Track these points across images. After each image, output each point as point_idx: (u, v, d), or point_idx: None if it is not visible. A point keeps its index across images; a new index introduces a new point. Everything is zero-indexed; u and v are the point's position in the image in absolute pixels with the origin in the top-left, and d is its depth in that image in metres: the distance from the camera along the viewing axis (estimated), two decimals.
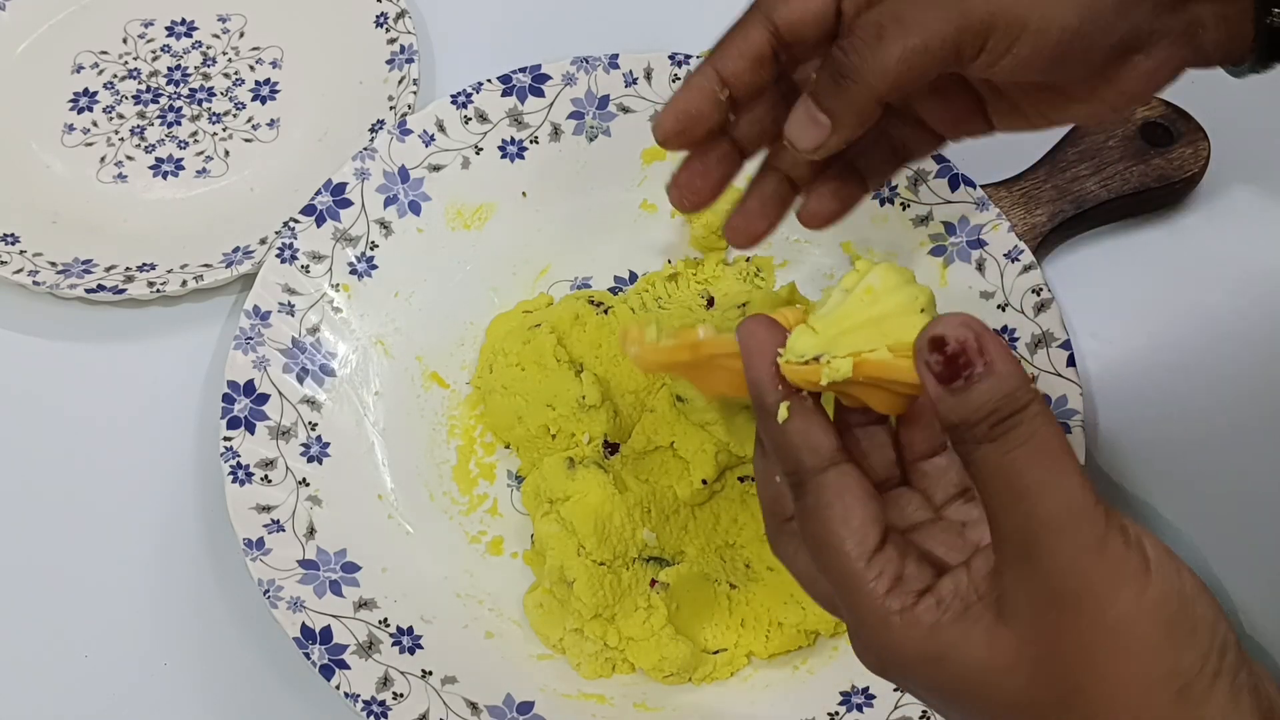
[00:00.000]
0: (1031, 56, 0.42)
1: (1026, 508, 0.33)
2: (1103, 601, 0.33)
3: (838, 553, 0.37)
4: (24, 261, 0.64)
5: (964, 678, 0.35)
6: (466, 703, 0.52)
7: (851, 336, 0.38)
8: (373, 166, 0.63)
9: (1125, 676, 0.33)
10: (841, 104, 0.43)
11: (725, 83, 0.44)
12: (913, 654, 0.36)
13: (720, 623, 0.55)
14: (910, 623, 0.36)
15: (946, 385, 0.34)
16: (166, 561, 0.58)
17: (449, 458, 0.60)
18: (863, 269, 0.39)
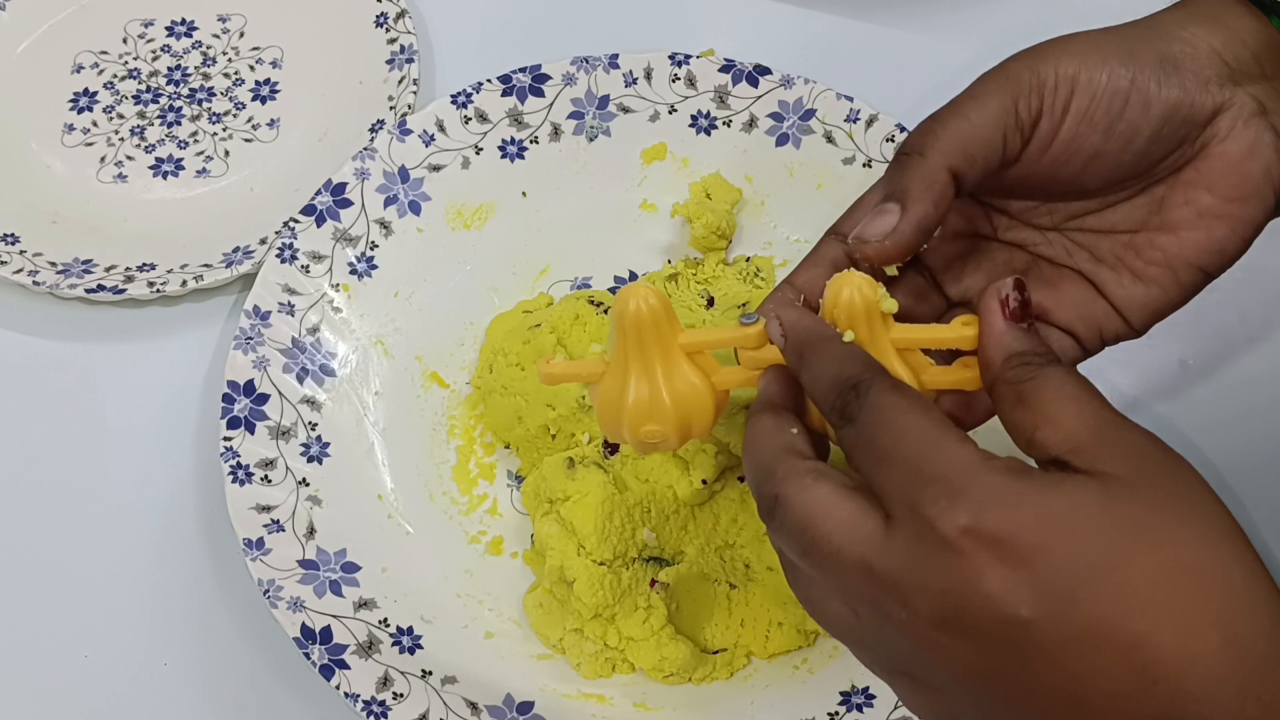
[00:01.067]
0: (1091, 108, 0.43)
1: (1090, 409, 0.37)
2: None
3: (922, 414, 0.36)
4: (24, 261, 0.64)
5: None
6: (466, 703, 0.52)
7: None
8: (373, 166, 0.63)
9: None
10: (908, 178, 0.43)
11: (800, 291, 0.44)
12: (1019, 489, 0.34)
13: (720, 623, 0.55)
14: (1012, 467, 0.35)
15: (1018, 322, 0.39)
16: (166, 561, 0.58)
17: (449, 458, 0.60)
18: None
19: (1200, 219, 0.44)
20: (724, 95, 0.65)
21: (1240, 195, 0.44)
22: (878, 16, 0.72)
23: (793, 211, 0.64)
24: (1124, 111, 0.43)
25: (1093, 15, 0.69)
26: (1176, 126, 0.44)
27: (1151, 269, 0.45)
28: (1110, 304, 0.46)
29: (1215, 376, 0.61)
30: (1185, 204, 0.45)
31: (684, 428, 0.44)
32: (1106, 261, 0.46)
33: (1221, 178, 0.44)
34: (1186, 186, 0.45)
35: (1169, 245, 0.45)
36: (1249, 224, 0.44)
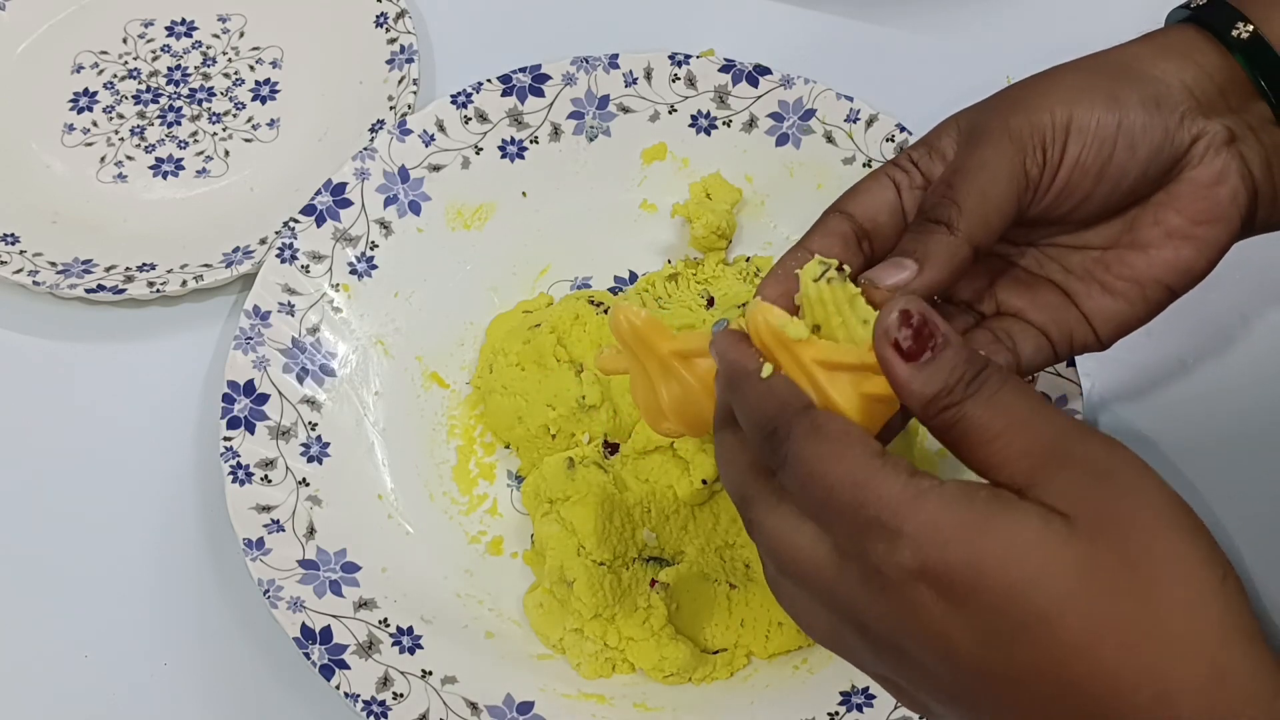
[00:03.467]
0: (1083, 154, 0.44)
1: (1034, 432, 0.35)
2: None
3: (844, 458, 0.36)
4: (24, 261, 0.64)
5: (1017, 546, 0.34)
6: (466, 703, 0.52)
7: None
8: (373, 166, 0.63)
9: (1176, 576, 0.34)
10: (933, 247, 0.43)
11: (813, 253, 0.44)
12: (956, 524, 0.34)
13: (720, 623, 0.55)
14: (948, 495, 0.34)
15: (916, 360, 0.37)
16: (166, 561, 0.58)
17: (449, 458, 0.60)
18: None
19: (1169, 239, 0.46)
20: (724, 95, 0.65)
21: (1208, 219, 0.46)
22: (878, 16, 0.72)
23: (792, 211, 0.64)
24: (1113, 155, 0.44)
25: (1092, 13, 0.69)
26: (1161, 165, 0.45)
27: (1120, 284, 0.46)
28: (1081, 312, 0.47)
29: (1215, 376, 0.61)
30: (1155, 224, 0.46)
31: (690, 424, 0.45)
32: (1077, 274, 0.47)
33: (1190, 202, 0.46)
34: (1157, 208, 0.46)
35: (1138, 262, 0.46)
36: (1215, 246, 0.46)
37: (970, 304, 0.48)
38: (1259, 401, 0.60)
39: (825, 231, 0.45)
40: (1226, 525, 0.57)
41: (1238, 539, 0.57)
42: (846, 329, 0.39)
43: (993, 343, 0.47)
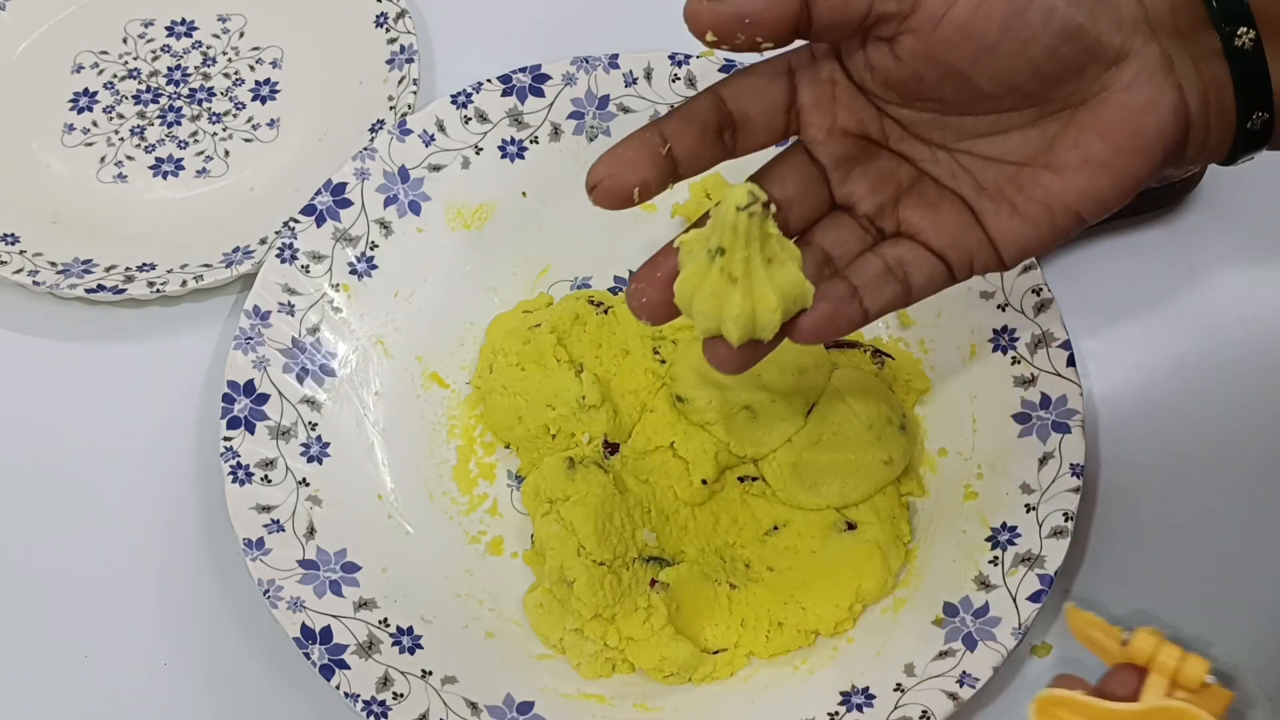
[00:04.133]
0: (989, 1, 0.41)
1: None
2: None
3: None
4: (24, 261, 0.64)
5: None
6: (466, 703, 0.52)
7: None
8: (373, 166, 0.63)
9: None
10: None
11: (666, 138, 0.44)
12: None
13: (720, 623, 0.55)
14: None
15: None
16: (166, 561, 0.58)
17: (449, 458, 0.60)
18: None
19: (1085, 164, 0.43)
20: None
21: (1129, 149, 0.43)
22: None
23: None
24: (1025, 12, 0.41)
25: None
26: (1077, 51, 0.42)
27: (1030, 205, 0.44)
28: (985, 234, 0.45)
29: (1215, 376, 0.61)
30: (1074, 147, 0.44)
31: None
32: (989, 190, 0.45)
33: (1115, 127, 0.43)
34: (1079, 129, 0.43)
35: (1051, 184, 0.44)
36: (1132, 178, 0.44)
37: (873, 219, 0.46)
38: (1259, 402, 0.60)
39: (687, 114, 0.44)
40: (1227, 525, 0.57)
41: (1238, 538, 0.57)
42: (747, 265, 0.41)
43: (883, 274, 0.45)
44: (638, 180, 0.43)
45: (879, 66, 0.44)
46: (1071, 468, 0.54)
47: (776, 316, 0.42)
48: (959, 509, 0.56)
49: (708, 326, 0.43)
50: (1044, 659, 0.55)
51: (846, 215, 0.46)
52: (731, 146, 0.45)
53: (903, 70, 0.43)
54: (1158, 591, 0.56)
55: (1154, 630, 0.40)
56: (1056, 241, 0.45)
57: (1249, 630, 0.55)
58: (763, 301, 0.42)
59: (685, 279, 0.42)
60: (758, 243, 0.41)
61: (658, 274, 0.44)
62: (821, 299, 0.44)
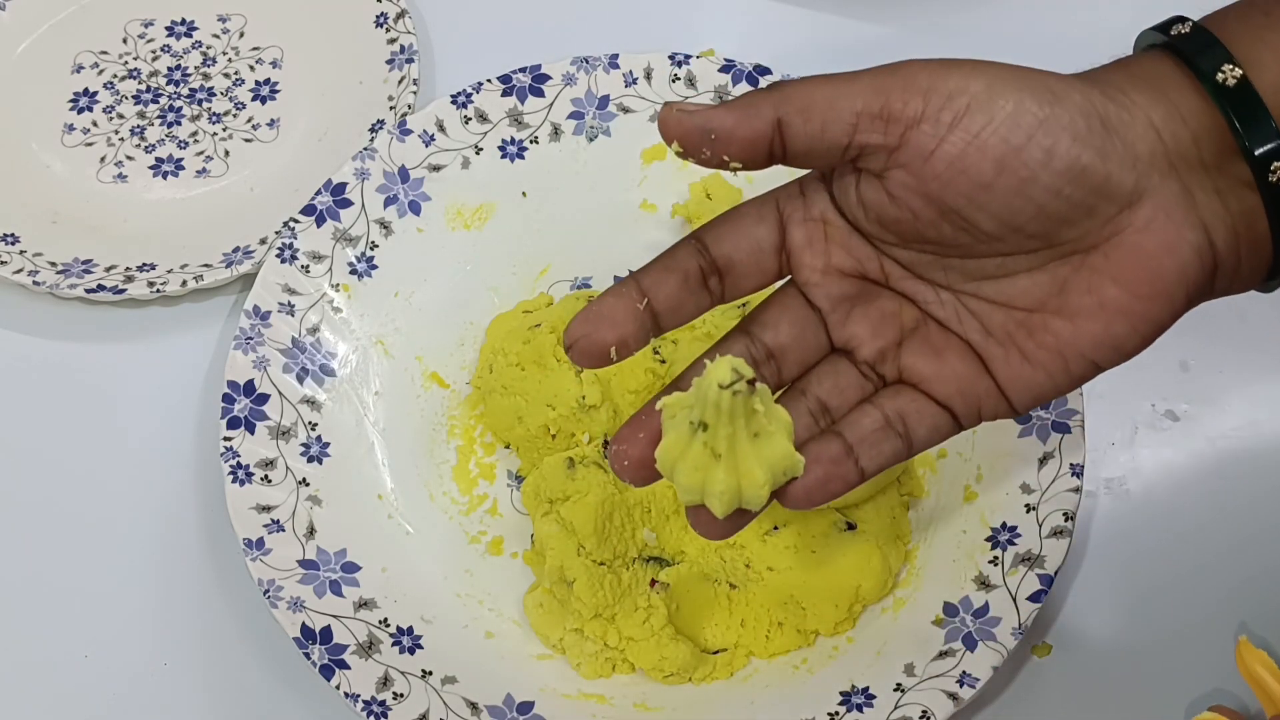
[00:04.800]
0: (985, 132, 0.39)
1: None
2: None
3: None
4: (24, 261, 0.64)
5: None
6: (466, 703, 0.52)
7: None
8: (373, 166, 0.63)
9: None
10: (738, 98, 0.40)
11: (644, 292, 0.41)
12: None
13: (720, 623, 0.55)
14: None
15: None
16: (166, 561, 0.58)
17: (449, 458, 0.60)
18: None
19: (1101, 311, 0.40)
20: (724, 95, 0.65)
21: (1148, 294, 0.40)
22: (878, 16, 0.72)
23: None
24: (1023, 151, 0.39)
25: (1099, 14, 0.69)
26: (1084, 192, 0.39)
27: (1041, 353, 0.41)
28: (994, 382, 0.42)
29: (1217, 378, 0.61)
30: (1088, 292, 0.40)
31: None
32: (996, 336, 0.42)
33: (1131, 272, 0.40)
34: (1093, 273, 0.40)
35: (1063, 332, 0.41)
36: (1152, 324, 0.40)
37: (873, 364, 0.43)
38: (1262, 402, 0.60)
39: (667, 264, 0.42)
40: (1228, 525, 0.57)
41: (1239, 538, 0.57)
42: (731, 442, 0.38)
43: (881, 429, 0.42)
44: (614, 338, 0.41)
45: (871, 203, 0.41)
46: (1071, 468, 0.54)
47: (764, 492, 0.40)
48: (959, 509, 0.56)
49: (690, 499, 0.41)
50: (1044, 659, 0.55)
51: (846, 360, 0.43)
52: (719, 293, 0.42)
53: (897, 208, 0.41)
54: (1158, 592, 0.56)
55: None
56: (1071, 387, 0.42)
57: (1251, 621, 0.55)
58: (749, 478, 0.39)
59: (667, 447, 0.40)
60: (742, 419, 0.38)
61: (640, 435, 0.41)
62: (814, 462, 0.41)
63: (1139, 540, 0.57)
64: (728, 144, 0.40)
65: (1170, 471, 0.59)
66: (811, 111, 0.39)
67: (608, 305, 0.41)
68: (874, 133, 0.39)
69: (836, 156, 0.40)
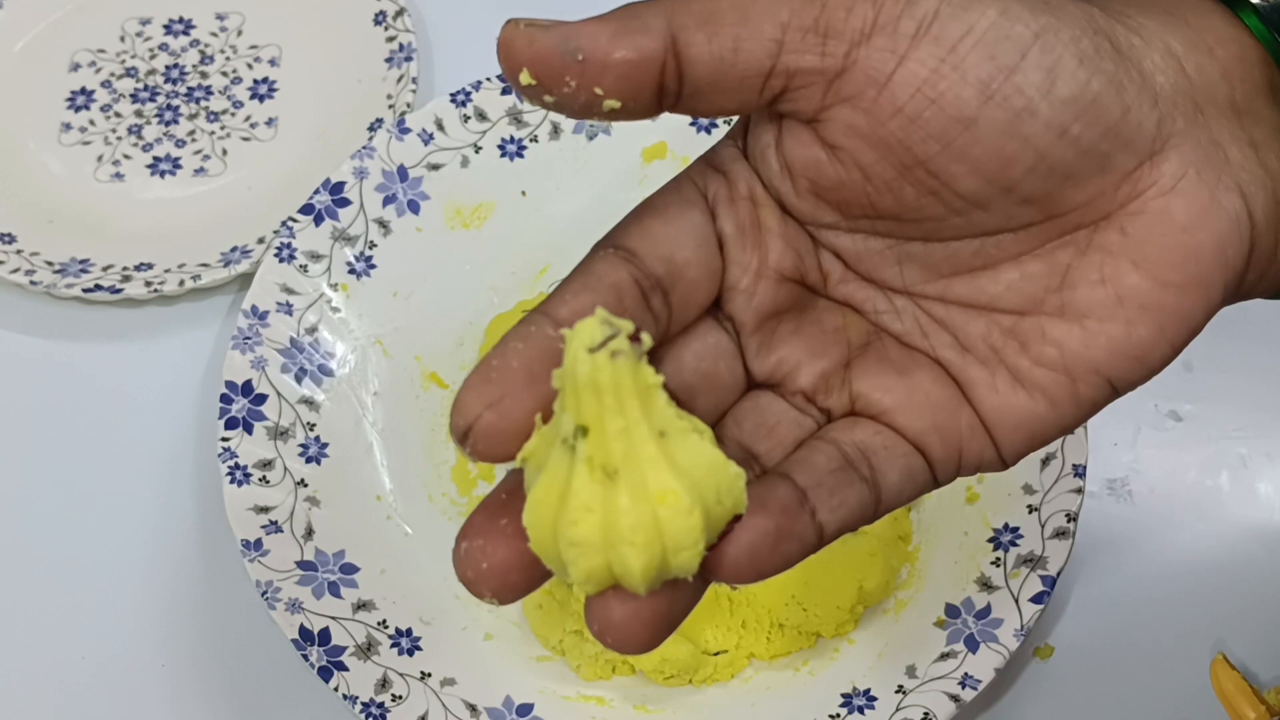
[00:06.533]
0: (963, 45, 0.28)
1: None
2: None
3: None
4: (20, 261, 0.64)
5: None
6: (466, 704, 0.52)
7: None
8: (371, 165, 0.63)
9: None
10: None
11: (560, 326, 0.28)
12: None
13: (721, 624, 0.55)
14: None
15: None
16: (164, 562, 0.58)
17: (448, 458, 0.60)
18: None
19: (1120, 307, 0.30)
20: None
21: (1181, 281, 0.30)
22: None
23: None
24: (1016, 72, 0.28)
25: None
26: (1097, 133, 0.29)
27: (1039, 372, 0.30)
28: (976, 414, 0.31)
29: (1220, 378, 0.61)
30: (1101, 283, 0.30)
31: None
32: (977, 352, 0.31)
33: (1158, 249, 0.30)
34: (1105, 256, 0.30)
35: (1069, 340, 0.30)
36: (1184, 324, 0.30)
37: (811, 396, 0.31)
38: (1264, 402, 0.60)
39: (587, 285, 0.29)
40: (1233, 523, 0.57)
41: (1241, 538, 0.57)
42: (628, 441, 0.26)
43: (841, 469, 0.30)
44: (533, 404, 0.28)
45: (802, 165, 0.30)
46: (1074, 468, 0.54)
47: (696, 522, 0.26)
48: (961, 510, 0.56)
49: (591, 566, 0.26)
50: (1046, 660, 0.55)
51: (771, 394, 0.32)
52: (664, 318, 0.30)
53: (840, 165, 0.30)
54: (1159, 592, 0.56)
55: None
56: (1080, 420, 0.31)
57: (1250, 629, 0.55)
58: (667, 500, 0.26)
59: (537, 502, 0.27)
60: (636, 403, 0.26)
61: (502, 521, 0.28)
62: (758, 509, 0.28)
63: (1142, 541, 0.57)
64: (600, 71, 0.27)
65: (1173, 472, 0.59)
66: (718, 23, 0.28)
67: (515, 354, 0.28)
68: (807, 52, 0.28)
69: (753, 94, 0.29)
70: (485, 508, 0.29)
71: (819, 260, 0.32)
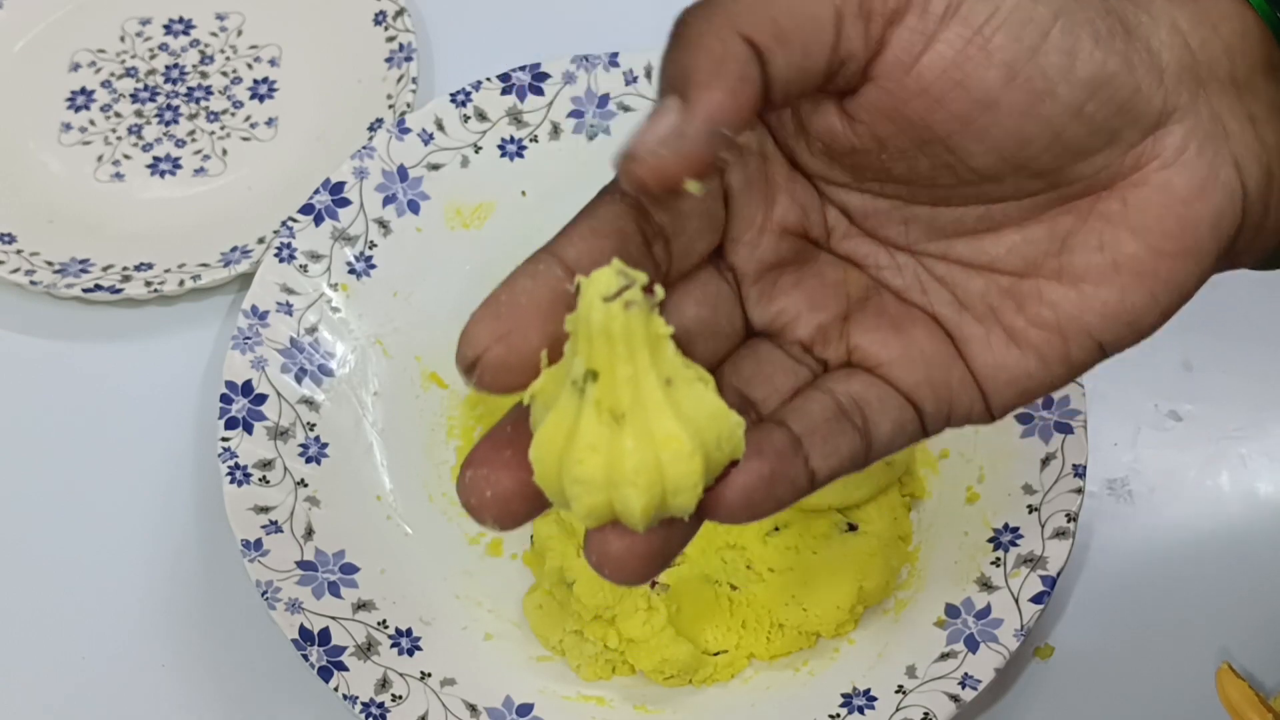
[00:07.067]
0: (988, 26, 0.29)
1: None
2: None
3: None
4: (20, 261, 0.64)
5: None
6: (466, 704, 0.52)
7: None
8: (371, 165, 0.63)
9: None
10: (689, 55, 0.28)
11: (571, 269, 0.30)
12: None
13: (721, 624, 0.55)
14: None
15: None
16: (164, 562, 0.58)
17: (448, 458, 0.60)
18: None
19: (1115, 273, 0.31)
20: None
21: (1176, 249, 0.31)
22: None
23: None
24: (1039, 54, 0.29)
25: None
26: (1110, 110, 0.30)
27: (1034, 331, 0.32)
28: (969, 370, 0.32)
29: (1220, 378, 0.61)
30: (1099, 249, 0.31)
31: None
32: (974, 310, 0.32)
33: (1157, 221, 0.31)
34: (1105, 223, 0.31)
35: (1065, 302, 0.32)
36: (1176, 291, 0.32)
37: (809, 347, 0.33)
38: (1265, 402, 0.60)
39: (594, 228, 0.31)
40: (1233, 523, 0.57)
41: (1244, 537, 0.57)
42: (636, 387, 0.27)
43: (835, 418, 0.31)
44: (541, 339, 0.29)
45: (819, 130, 0.31)
46: (1074, 468, 0.54)
47: (695, 467, 0.28)
48: (961, 510, 0.56)
49: (593, 503, 0.28)
50: (1046, 661, 0.55)
51: (769, 344, 0.33)
52: (665, 263, 0.31)
53: (857, 135, 0.31)
54: (1159, 592, 0.56)
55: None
56: (1067, 380, 0.33)
57: (1252, 632, 0.55)
58: (670, 445, 0.27)
59: (544, 439, 0.28)
60: (646, 352, 0.27)
61: (506, 452, 0.29)
62: (754, 454, 0.29)
63: (1142, 542, 0.57)
64: (734, 118, 0.28)
65: (1173, 472, 0.59)
66: (785, 29, 0.28)
67: (524, 291, 0.30)
68: (856, 37, 0.29)
69: (815, 85, 0.29)
70: (490, 438, 0.30)
71: (824, 215, 0.33)
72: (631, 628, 0.54)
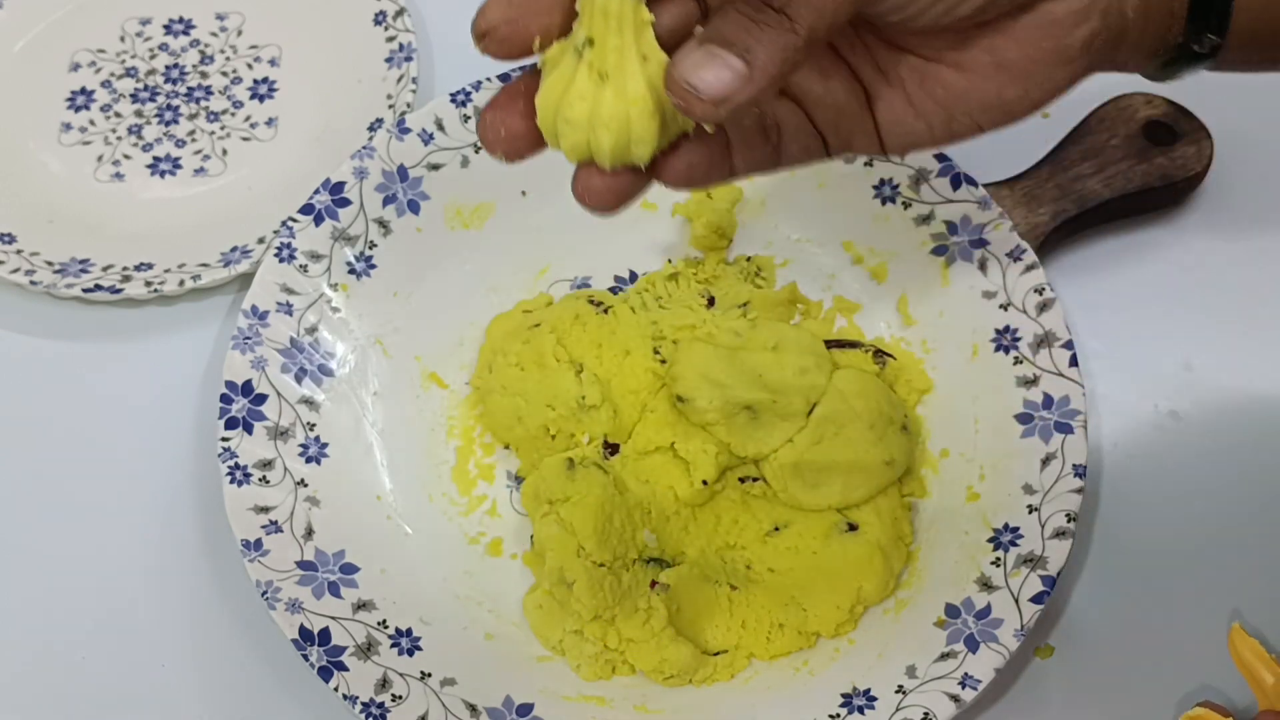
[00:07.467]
0: None
1: None
2: None
3: None
4: (21, 261, 0.64)
5: None
6: (466, 704, 0.52)
7: None
8: (371, 165, 0.63)
9: None
10: (763, 39, 0.35)
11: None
12: None
13: (721, 624, 0.55)
14: None
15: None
16: (164, 562, 0.58)
17: (448, 458, 0.60)
18: None
19: (997, 72, 0.40)
20: None
21: (1049, 60, 0.40)
22: None
23: (793, 210, 0.64)
24: None
25: None
26: None
27: (928, 103, 0.41)
28: (874, 121, 0.42)
29: (1220, 379, 0.61)
30: (987, 50, 0.40)
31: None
32: (887, 75, 0.41)
33: (1036, 38, 0.39)
34: (997, 34, 0.40)
35: (955, 86, 0.40)
36: (1047, 90, 0.40)
37: None
38: (1266, 402, 0.60)
39: None
40: (1232, 524, 0.57)
41: (1243, 537, 0.57)
42: (620, 56, 0.36)
43: (756, 134, 0.41)
44: (539, 26, 0.37)
45: None
46: (1074, 468, 0.54)
47: (653, 124, 0.37)
48: (961, 510, 0.56)
49: (576, 140, 0.38)
50: (1046, 660, 0.55)
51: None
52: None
53: None
54: (1161, 593, 0.56)
55: None
56: (949, 143, 0.42)
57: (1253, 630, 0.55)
58: (637, 103, 0.37)
59: (549, 88, 0.38)
60: (632, 31, 0.36)
61: (518, 103, 0.39)
62: (699, 140, 0.39)
63: (1142, 542, 0.57)
64: (776, 90, 0.37)
65: (1173, 473, 0.59)
66: (840, 10, 0.37)
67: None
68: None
69: None
70: (507, 91, 0.39)
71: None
72: (631, 628, 0.54)
